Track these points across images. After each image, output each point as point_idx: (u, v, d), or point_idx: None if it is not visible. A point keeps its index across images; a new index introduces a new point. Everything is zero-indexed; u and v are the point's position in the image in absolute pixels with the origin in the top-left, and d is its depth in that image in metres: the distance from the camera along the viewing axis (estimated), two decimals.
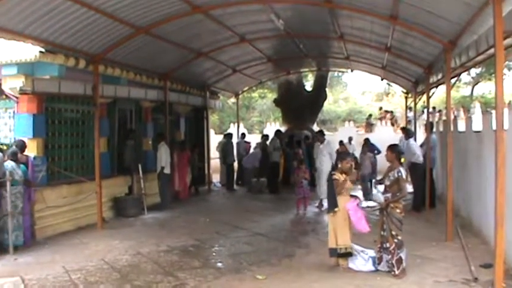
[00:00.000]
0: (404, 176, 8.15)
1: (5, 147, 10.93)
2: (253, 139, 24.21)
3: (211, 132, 24.46)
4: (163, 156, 14.96)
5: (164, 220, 13.44)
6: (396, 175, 8.09)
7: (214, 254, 10.00)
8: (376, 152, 17.54)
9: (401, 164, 8.69)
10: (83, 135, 13.15)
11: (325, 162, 15.11)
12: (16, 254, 9.54)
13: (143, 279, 8.14)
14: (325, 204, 13.33)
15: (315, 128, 26.85)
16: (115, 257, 9.54)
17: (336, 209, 8.44)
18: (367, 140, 17.62)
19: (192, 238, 11.09)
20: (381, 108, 30.70)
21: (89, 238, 11.15)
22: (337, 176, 8.49)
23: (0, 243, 9.78)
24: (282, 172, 18.90)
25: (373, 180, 14.52)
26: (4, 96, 11.62)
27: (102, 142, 13.04)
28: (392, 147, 8.48)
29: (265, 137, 20.79)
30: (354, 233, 8.60)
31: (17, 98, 11.35)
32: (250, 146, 22.30)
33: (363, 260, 8.40)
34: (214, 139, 23.56)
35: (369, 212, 12.71)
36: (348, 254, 8.44)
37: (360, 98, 48.52)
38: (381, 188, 8.40)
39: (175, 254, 9.78)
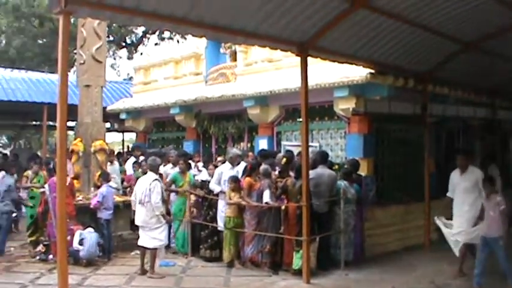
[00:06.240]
0: None
1: (336, 167, 11.47)
2: None
3: None
4: (498, 179, 14.03)
5: None
6: None
7: None
8: None
9: None
10: (411, 155, 13.08)
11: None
12: (346, 270, 9.81)
13: None
14: None
15: None
16: (444, 280, 9.18)
17: None
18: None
19: None
20: None
21: (416, 259, 10.94)
22: None
23: (332, 258, 10.20)
24: None
25: None
26: (336, 117, 12.27)
27: (430, 162, 12.77)
28: None
29: None
30: None
31: (348, 118, 11.87)
32: None
33: None
34: None
35: None
36: None
37: None
38: None
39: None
